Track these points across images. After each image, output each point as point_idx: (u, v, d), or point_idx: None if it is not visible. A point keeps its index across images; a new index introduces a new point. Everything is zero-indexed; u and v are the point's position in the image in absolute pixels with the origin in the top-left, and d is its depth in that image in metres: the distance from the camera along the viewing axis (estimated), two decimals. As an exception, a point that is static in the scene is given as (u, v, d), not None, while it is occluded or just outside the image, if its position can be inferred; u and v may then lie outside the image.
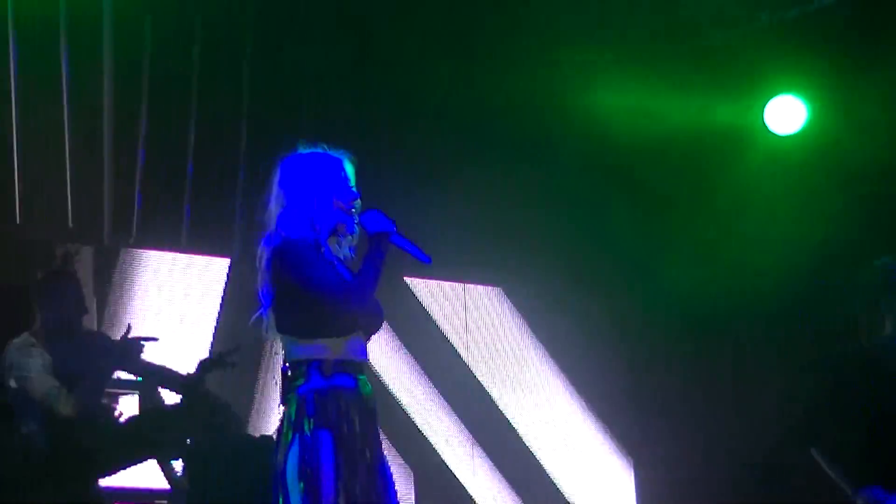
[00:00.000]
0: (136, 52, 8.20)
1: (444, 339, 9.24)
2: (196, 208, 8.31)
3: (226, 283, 8.34)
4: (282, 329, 4.54)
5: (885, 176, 8.56)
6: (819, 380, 5.58)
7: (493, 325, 9.45)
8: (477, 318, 9.39)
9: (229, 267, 8.40)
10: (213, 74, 8.35)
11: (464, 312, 9.31)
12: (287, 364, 4.53)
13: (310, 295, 4.42)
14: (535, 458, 9.43)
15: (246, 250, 7.97)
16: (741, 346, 9.32)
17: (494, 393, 9.35)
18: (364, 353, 4.57)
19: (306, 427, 4.39)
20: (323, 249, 4.54)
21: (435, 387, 9.10)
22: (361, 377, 4.52)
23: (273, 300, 4.52)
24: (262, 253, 4.52)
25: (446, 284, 9.28)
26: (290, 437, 4.40)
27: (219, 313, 8.29)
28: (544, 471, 9.42)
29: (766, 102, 9.11)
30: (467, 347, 9.30)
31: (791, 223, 8.83)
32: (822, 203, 8.73)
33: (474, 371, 9.32)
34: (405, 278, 9.08)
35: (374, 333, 4.63)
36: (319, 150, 4.65)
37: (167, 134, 8.26)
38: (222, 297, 8.30)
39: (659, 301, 9.40)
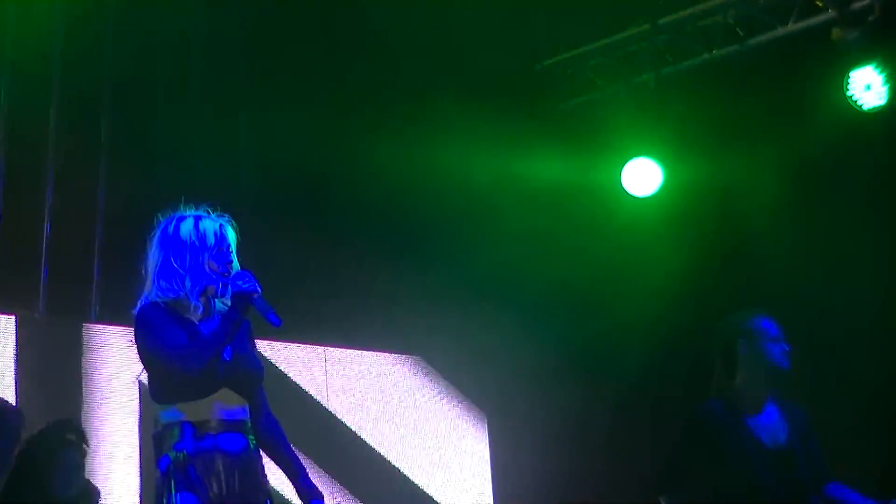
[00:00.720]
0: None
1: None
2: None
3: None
4: (151, 395, 4.58)
5: (737, 234, 8.79)
6: (681, 429, 5.72)
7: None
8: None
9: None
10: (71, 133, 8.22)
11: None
12: (156, 429, 4.55)
13: (157, 360, 4.47)
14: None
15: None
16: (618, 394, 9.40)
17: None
18: (239, 412, 4.53)
19: (172, 489, 4.39)
20: (193, 306, 4.54)
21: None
22: (234, 434, 4.50)
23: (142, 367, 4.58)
24: (134, 315, 4.56)
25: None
26: (162, 501, 4.42)
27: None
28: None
29: (624, 165, 9.29)
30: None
31: (653, 278, 8.99)
32: (680, 260, 8.91)
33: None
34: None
35: (249, 392, 4.58)
36: (200, 213, 4.65)
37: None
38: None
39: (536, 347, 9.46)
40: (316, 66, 8.66)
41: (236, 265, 4.62)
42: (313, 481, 4.76)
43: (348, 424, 9.20)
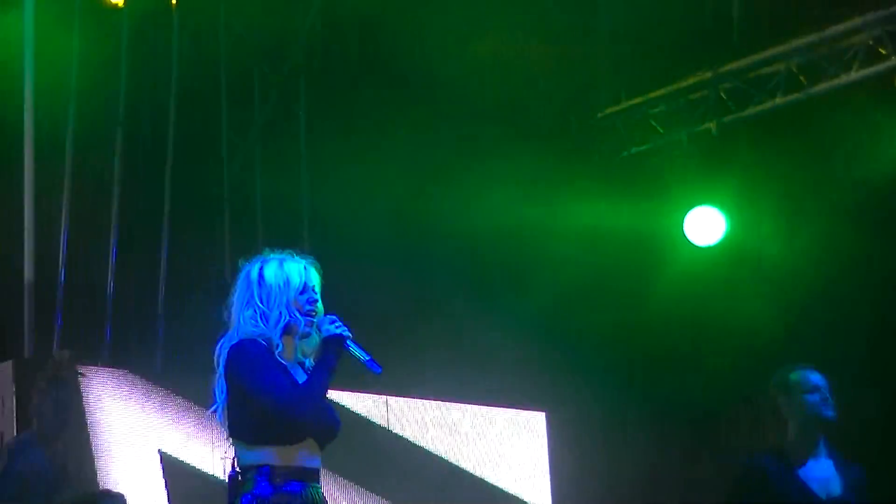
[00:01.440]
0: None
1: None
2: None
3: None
4: (233, 433, 4.50)
5: (801, 280, 8.71)
6: (733, 479, 5.70)
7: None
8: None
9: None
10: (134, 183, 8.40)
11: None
12: (236, 469, 4.48)
13: (259, 399, 4.38)
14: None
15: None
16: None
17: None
18: (317, 461, 4.51)
19: None
20: (278, 349, 4.50)
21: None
22: (313, 485, 4.47)
23: (227, 402, 4.49)
24: (220, 352, 4.48)
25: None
26: None
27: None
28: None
29: (686, 213, 9.25)
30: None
31: (717, 329, 8.95)
32: (745, 309, 8.85)
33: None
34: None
35: (327, 442, 4.56)
36: (284, 256, 4.64)
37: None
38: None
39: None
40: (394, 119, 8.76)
41: (321, 308, 4.59)
42: None
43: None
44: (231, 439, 4.51)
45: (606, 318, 9.24)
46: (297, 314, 4.51)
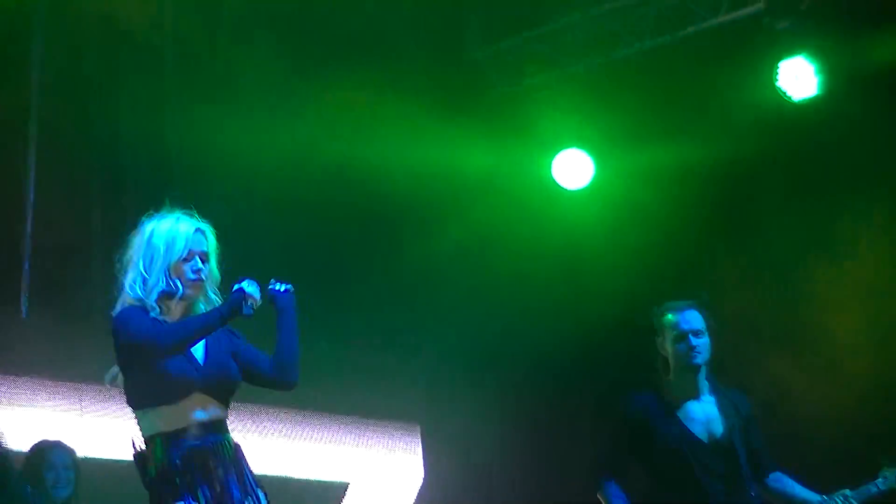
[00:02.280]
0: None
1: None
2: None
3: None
4: (129, 402, 4.57)
5: (669, 222, 8.77)
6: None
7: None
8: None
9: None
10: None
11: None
12: (135, 450, 4.54)
13: (129, 349, 4.46)
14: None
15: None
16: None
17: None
18: (214, 412, 4.54)
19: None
20: (154, 311, 4.55)
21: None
22: (217, 436, 4.52)
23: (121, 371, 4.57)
24: (112, 324, 4.57)
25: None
26: None
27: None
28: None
29: (554, 157, 9.23)
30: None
31: (589, 274, 8.95)
32: (614, 251, 8.89)
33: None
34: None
35: (224, 394, 4.58)
36: (179, 216, 4.67)
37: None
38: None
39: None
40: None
41: (214, 272, 4.66)
42: None
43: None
44: (133, 412, 4.58)
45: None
46: (178, 282, 4.58)
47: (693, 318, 5.61)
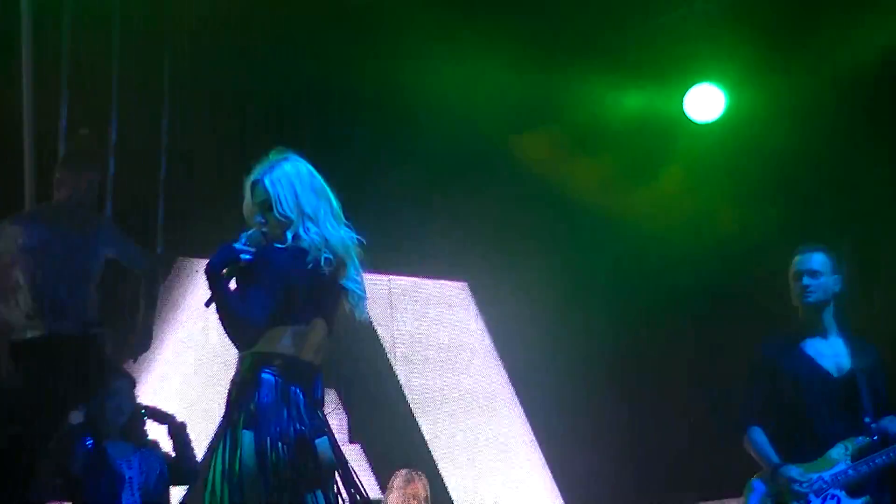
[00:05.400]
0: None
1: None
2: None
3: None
4: None
5: (801, 160, 8.76)
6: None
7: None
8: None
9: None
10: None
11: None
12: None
13: None
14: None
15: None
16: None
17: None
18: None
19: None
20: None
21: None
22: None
23: None
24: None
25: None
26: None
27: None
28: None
29: (686, 91, 9.26)
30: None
31: (713, 212, 9.02)
32: (743, 189, 8.92)
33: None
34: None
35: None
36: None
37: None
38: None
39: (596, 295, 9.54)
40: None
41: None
42: None
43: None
44: None
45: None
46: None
47: (811, 260, 5.79)
